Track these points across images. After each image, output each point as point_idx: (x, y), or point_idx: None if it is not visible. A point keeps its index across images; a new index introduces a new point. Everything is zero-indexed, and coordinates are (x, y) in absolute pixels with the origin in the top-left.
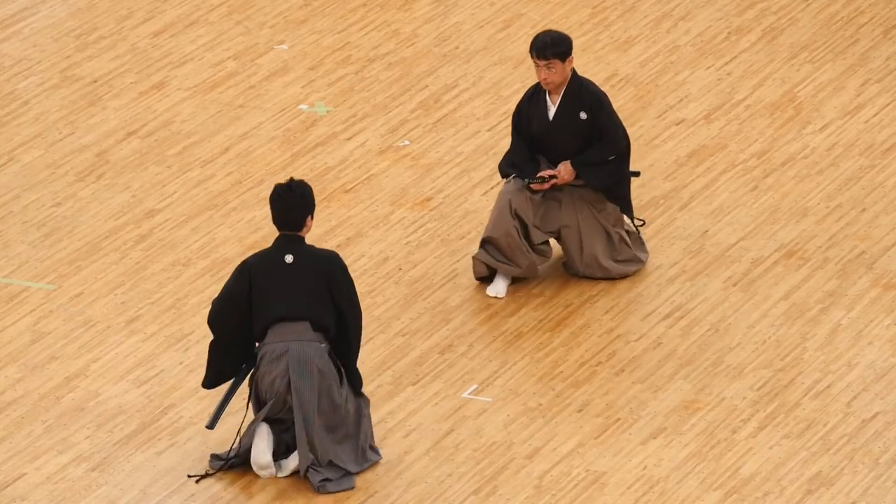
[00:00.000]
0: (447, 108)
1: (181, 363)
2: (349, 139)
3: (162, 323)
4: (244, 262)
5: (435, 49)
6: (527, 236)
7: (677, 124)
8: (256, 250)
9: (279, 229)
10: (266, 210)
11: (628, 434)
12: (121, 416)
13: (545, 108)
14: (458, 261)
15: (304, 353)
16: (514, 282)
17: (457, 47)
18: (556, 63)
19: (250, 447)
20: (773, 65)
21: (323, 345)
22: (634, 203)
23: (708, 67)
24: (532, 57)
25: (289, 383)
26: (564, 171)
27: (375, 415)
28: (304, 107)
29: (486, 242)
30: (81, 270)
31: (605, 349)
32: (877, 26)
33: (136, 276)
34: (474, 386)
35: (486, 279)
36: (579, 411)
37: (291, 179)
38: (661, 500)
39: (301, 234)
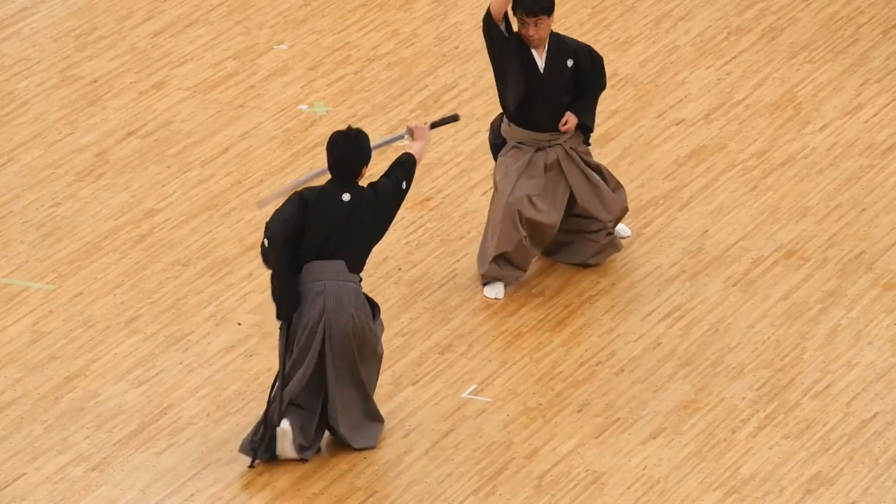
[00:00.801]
0: (447, 108)
1: (181, 363)
2: None
3: (161, 323)
4: (300, 193)
5: (434, 49)
6: (538, 236)
7: (677, 124)
8: (256, 251)
9: (332, 175)
10: (266, 210)
11: (628, 434)
12: (120, 415)
13: (534, 63)
14: (457, 261)
15: (340, 294)
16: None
17: (456, 47)
18: (544, 18)
19: (274, 442)
20: (772, 65)
21: (356, 285)
22: (634, 203)
23: (708, 67)
24: (519, 15)
25: (323, 327)
26: (571, 120)
27: None
28: (303, 107)
29: (498, 258)
30: (81, 270)
31: (605, 349)
32: (876, 26)
33: (136, 276)
34: (474, 386)
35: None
36: (579, 411)
37: (350, 128)
38: (660, 500)
39: (356, 182)
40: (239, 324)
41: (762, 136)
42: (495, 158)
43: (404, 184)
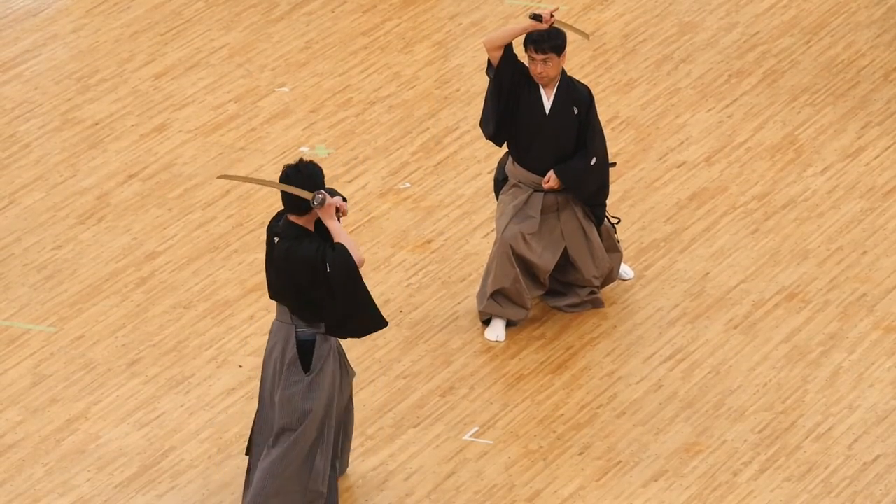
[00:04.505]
0: (448, 151)
1: (182, 406)
2: (350, 181)
3: (163, 365)
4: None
5: (436, 91)
6: (534, 276)
7: (678, 167)
8: (258, 294)
9: (286, 212)
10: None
11: (629, 477)
12: (121, 458)
13: (540, 102)
14: (458, 303)
15: (278, 334)
16: (513, 324)
17: (458, 90)
18: (553, 57)
19: None
20: (773, 107)
21: (302, 330)
22: (635, 246)
23: (709, 110)
24: (528, 51)
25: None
26: (553, 181)
27: (376, 457)
28: (305, 149)
29: (495, 294)
30: (82, 313)
31: (606, 392)
32: (877, 69)
33: (137, 319)
34: (475, 428)
35: (489, 320)
36: (580, 454)
37: (301, 159)
38: None
39: (300, 218)
40: (240, 366)
41: (763, 179)
42: (496, 195)
43: (328, 266)
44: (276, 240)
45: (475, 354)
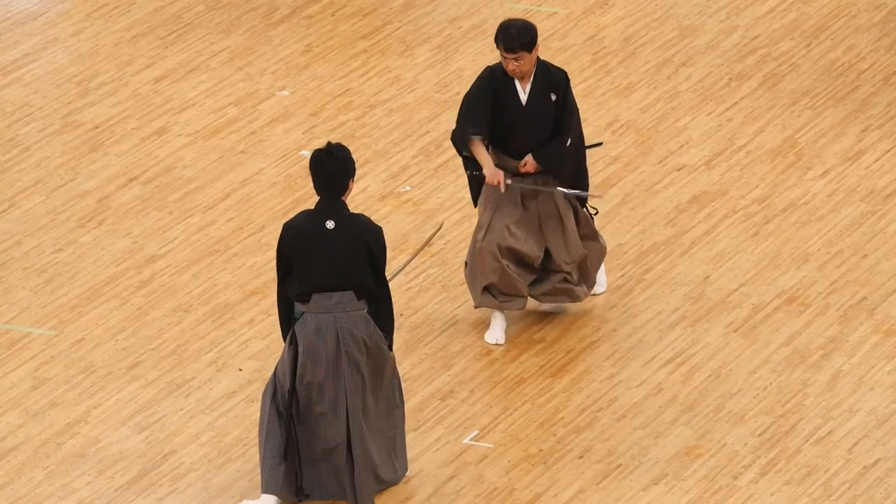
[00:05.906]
0: (448, 154)
1: (182, 409)
2: None
3: (163, 369)
4: (286, 223)
5: (436, 95)
6: (525, 264)
7: (678, 170)
8: (258, 297)
9: (320, 194)
10: (267, 255)
11: (629, 480)
12: (121, 462)
13: (516, 95)
14: (458, 306)
15: (353, 327)
16: (515, 325)
17: (457, 93)
18: (524, 55)
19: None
20: (773, 111)
21: (363, 311)
22: (635, 249)
23: (709, 113)
24: (499, 49)
25: (336, 357)
26: (530, 165)
27: None
28: (305, 152)
29: (486, 289)
30: (82, 316)
31: (607, 395)
32: (877, 73)
33: (138, 322)
34: (475, 432)
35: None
36: (580, 457)
37: (329, 143)
38: None
39: (343, 197)
40: (240, 370)
41: (763, 182)
42: (472, 191)
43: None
44: (332, 224)
45: (475, 358)
